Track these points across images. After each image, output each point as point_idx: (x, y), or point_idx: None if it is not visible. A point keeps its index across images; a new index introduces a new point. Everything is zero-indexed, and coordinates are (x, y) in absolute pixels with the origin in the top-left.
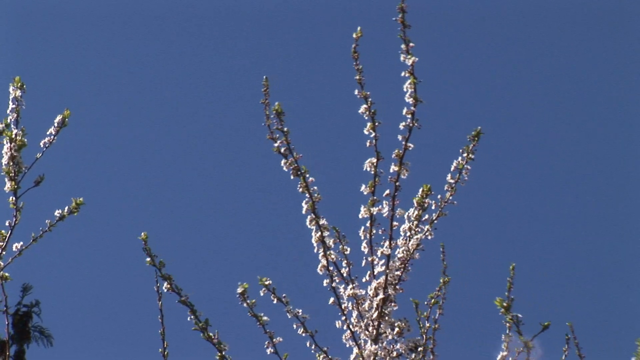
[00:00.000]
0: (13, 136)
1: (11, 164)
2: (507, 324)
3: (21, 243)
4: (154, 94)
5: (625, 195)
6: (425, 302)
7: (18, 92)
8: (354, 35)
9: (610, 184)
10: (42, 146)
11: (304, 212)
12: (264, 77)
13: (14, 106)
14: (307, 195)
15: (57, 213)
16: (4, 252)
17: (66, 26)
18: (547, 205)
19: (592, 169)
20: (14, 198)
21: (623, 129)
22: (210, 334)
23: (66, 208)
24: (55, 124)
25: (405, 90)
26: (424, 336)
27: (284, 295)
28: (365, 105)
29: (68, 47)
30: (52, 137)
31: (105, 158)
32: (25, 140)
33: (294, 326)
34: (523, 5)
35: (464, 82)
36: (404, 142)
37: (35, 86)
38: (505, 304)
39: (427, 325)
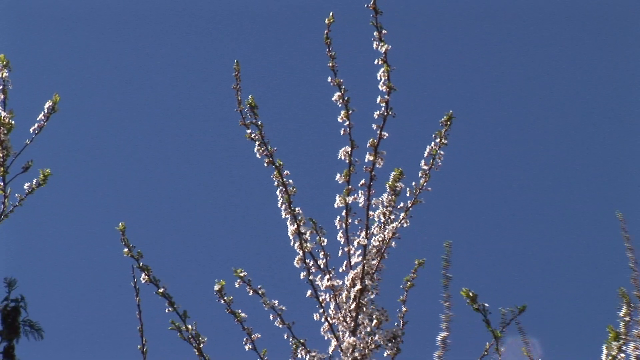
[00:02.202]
0: (1, 119)
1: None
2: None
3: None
4: (139, 84)
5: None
6: (401, 286)
7: (4, 72)
8: (326, 21)
9: (590, 170)
10: (31, 132)
11: (279, 205)
12: (235, 61)
13: (0, 87)
14: (282, 188)
15: (26, 186)
16: None
17: (56, 13)
18: (526, 190)
19: (569, 153)
20: (2, 184)
21: (591, 112)
22: (189, 326)
23: (34, 180)
24: (45, 110)
25: (379, 78)
26: (402, 321)
27: (259, 286)
28: (338, 93)
29: (58, 33)
30: (42, 122)
31: (91, 148)
32: (14, 122)
33: (271, 317)
34: None
35: (438, 68)
36: (378, 131)
37: (23, 70)
38: (471, 294)
39: (404, 309)
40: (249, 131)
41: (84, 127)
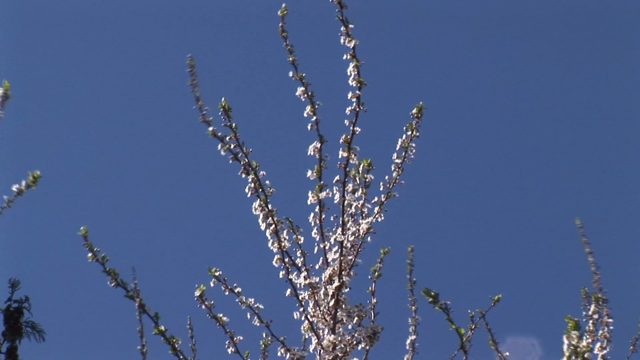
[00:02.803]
0: None
1: None
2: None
3: None
4: (102, 84)
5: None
6: (369, 277)
7: None
8: (279, 13)
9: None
10: None
11: (254, 206)
12: (188, 55)
13: None
14: (259, 190)
15: (14, 188)
16: None
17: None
18: (501, 183)
19: (544, 143)
20: None
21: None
22: (161, 328)
23: (24, 182)
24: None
25: (348, 73)
26: (372, 312)
27: (235, 285)
28: (302, 88)
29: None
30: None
31: (73, 146)
32: None
33: (248, 316)
34: None
35: (408, 60)
36: (351, 127)
37: None
38: (432, 294)
39: (374, 301)
40: (211, 128)
41: (72, 128)
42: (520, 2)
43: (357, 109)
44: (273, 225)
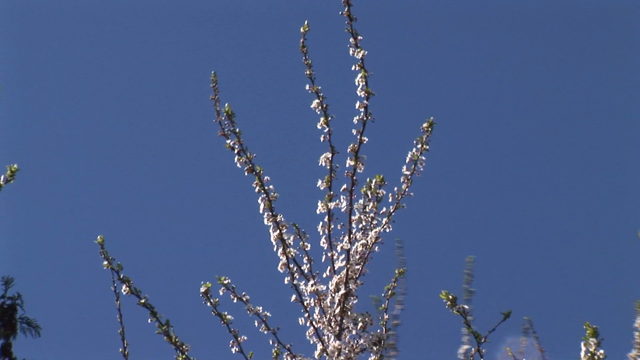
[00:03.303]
0: None
1: None
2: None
3: None
4: (118, 89)
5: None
6: (383, 294)
7: None
8: (302, 30)
9: (577, 171)
10: None
11: (261, 211)
12: (212, 72)
13: None
14: (263, 194)
15: None
16: None
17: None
18: (510, 195)
19: (559, 152)
20: None
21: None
22: (172, 336)
23: (2, 177)
24: None
25: (356, 84)
26: (384, 328)
27: (243, 293)
28: (317, 100)
29: (22, 29)
30: None
31: (72, 149)
32: None
33: (256, 324)
34: None
35: (418, 72)
36: (358, 136)
37: None
38: (450, 297)
39: (386, 317)
40: (228, 141)
41: (71, 129)
42: (528, 7)
43: (365, 119)
44: (278, 231)
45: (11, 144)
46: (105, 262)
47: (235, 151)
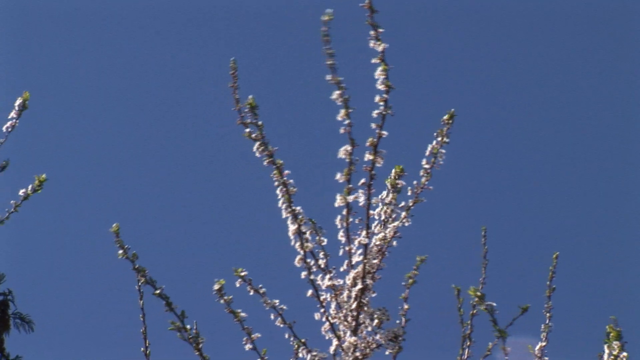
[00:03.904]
0: None
1: None
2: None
3: None
4: (124, 83)
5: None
6: (403, 283)
7: None
8: (324, 18)
9: (601, 172)
10: (4, 131)
11: (280, 205)
12: (232, 59)
13: None
14: (283, 188)
15: (21, 192)
16: None
17: (25, 12)
18: (529, 190)
19: (570, 151)
20: None
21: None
22: (187, 327)
23: (30, 187)
24: (16, 107)
25: (376, 77)
26: (403, 319)
27: (260, 285)
28: (338, 91)
29: (27, 30)
30: (14, 120)
31: (73, 145)
32: None
33: (272, 317)
34: None
35: (439, 64)
36: (377, 130)
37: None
38: (479, 294)
39: (406, 307)
40: (247, 130)
41: (77, 125)
42: (549, 5)
43: (384, 113)
44: (296, 225)
45: (12, 143)
46: (121, 251)
47: (257, 143)
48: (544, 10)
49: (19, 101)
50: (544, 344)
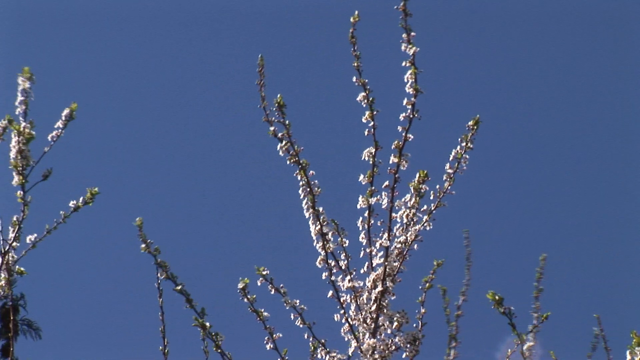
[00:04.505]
0: (21, 129)
1: (19, 157)
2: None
3: (35, 235)
4: (155, 88)
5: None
6: (420, 287)
7: (27, 84)
8: (351, 19)
9: (611, 177)
10: (50, 140)
11: (304, 205)
12: (259, 55)
13: (22, 98)
14: (307, 189)
15: (71, 204)
16: (16, 244)
17: (72, 20)
18: (548, 196)
19: (589, 159)
20: (21, 192)
21: (619, 120)
22: (207, 324)
23: (81, 199)
24: (63, 117)
25: (405, 80)
26: (420, 322)
27: (281, 285)
28: (363, 93)
29: (74, 40)
30: (59, 130)
31: (109, 151)
32: (34, 133)
33: (292, 317)
34: None
35: (464, 71)
36: (403, 133)
37: (41, 80)
38: (497, 298)
39: (423, 311)
40: (272, 128)
41: (101, 127)
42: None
43: (411, 116)
44: (319, 226)
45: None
46: (143, 245)
47: (283, 142)
48: (581, 17)
49: (66, 111)
50: (531, 343)
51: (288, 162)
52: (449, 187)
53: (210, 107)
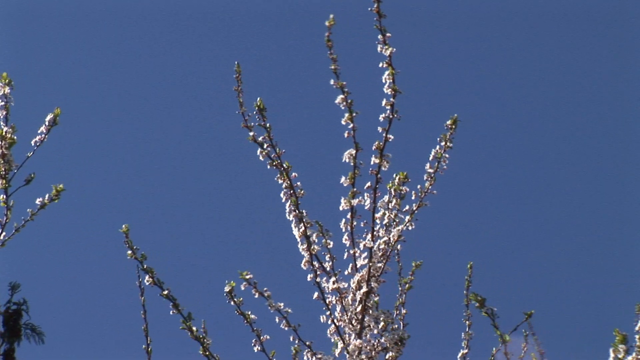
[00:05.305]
0: (3, 134)
1: (1, 161)
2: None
3: (3, 234)
4: (139, 92)
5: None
6: (400, 288)
7: (6, 89)
8: (327, 24)
9: (597, 175)
10: (33, 145)
11: (286, 207)
12: (236, 62)
13: (2, 103)
14: (290, 191)
15: (38, 201)
16: None
17: (55, 23)
18: (530, 195)
19: (570, 157)
20: (4, 196)
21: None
22: (194, 328)
23: (47, 195)
24: (46, 123)
25: (384, 81)
26: (402, 323)
27: (265, 289)
28: (341, 96)
29: (58, 44)
30: (43, 135)
31: (94, 155)
32: (15, 137)
33: (277, 320)
34: None
35: (443, 70)
36: (384, 134)
37: (24, 85)
38: (479, 299)
39: (404, 312)
40: (251, 133)
41: (84, 133)
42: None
43: (391, 117)
44: (303, 228)
45: (16, 155)
46: (129, 252)
47: (265, 145)
48: (554, 13)
49: (49, 117)
50: (465, 351)
51: (268, 167)
52: (430, 187)
53: (192, 109)
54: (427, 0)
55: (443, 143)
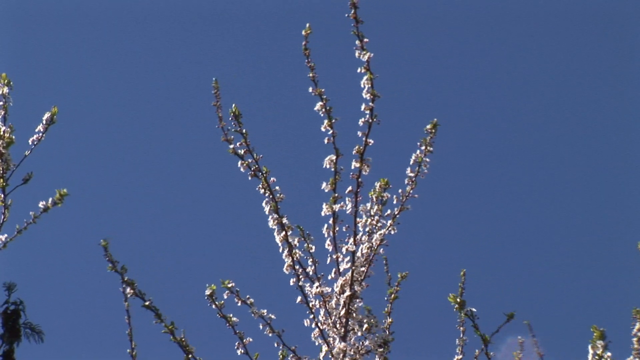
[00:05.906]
0: (1, 133)
1: None
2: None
3: (5, 235)
4: (131, 95)
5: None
6: (385, 298)
7: (5, 89)
8: (303, 33)
9: (587, 177)
10: (30, 143)
11: (266, 212)
12: (214, 79)
13: (0, 103)
14: (269, 195)
15: (41, 205)
16: None
17: (53, 23)
18: (513, 197)
19: (563, 156)
20: (2, 195)
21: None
22: (179, 337)
23: (50, 200)
24: (44, 122)
25: (362, 86)
26: (388, 331)
27: (247, 296)
28: (320, 103)
29: (55, 44)
30: (40, 134)
31: (94, 155)
32: (14, 137)
33: (260, 327)
34: None
35: (422, 74)
36: (364, 138)
37: (22, 83)
38: (459, 300)
39: (390, 321)
40: (231, 146)
41: (83, 132)
42: (538, 9)
43: (370, 121)
44: (283, 233)
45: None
46: (110, 265)
47: (242, 152)
48: (535, 16)
49: (46, 115)
50: (460, 357)
51: (250, 178)
52: (412, 191)
53: (174, 118)
54: (407, 3)
55: (423, 147)
